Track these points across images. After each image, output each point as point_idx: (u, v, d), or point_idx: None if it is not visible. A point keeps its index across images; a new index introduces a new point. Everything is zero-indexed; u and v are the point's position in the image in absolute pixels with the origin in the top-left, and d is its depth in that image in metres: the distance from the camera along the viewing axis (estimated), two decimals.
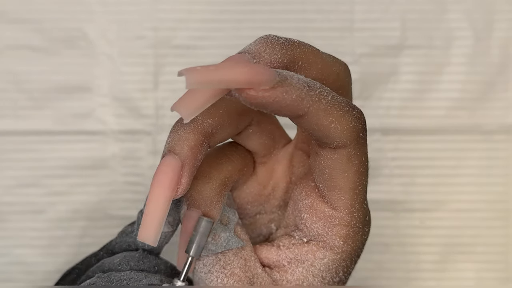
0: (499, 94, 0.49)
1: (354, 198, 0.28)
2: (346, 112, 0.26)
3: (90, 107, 0.48)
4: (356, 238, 0.29)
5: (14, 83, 0.48)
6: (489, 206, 0.49)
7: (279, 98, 0.24)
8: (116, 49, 0.49)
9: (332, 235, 0.29)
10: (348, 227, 0.28)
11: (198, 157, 0.27)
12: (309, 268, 0.29)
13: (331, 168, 0.27)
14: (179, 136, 0.27)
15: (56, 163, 0.48)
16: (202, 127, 0.27)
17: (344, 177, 0.27)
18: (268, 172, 0.32)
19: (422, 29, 0.49)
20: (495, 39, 0.49)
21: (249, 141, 0.31)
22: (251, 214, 0.33)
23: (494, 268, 0.50)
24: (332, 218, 0.28)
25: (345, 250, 0.29)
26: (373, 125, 0.49)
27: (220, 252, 0.29)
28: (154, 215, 0.26)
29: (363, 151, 0.27)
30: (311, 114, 0.25)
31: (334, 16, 0.49)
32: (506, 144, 0.49)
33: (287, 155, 0.32)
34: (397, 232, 0.50)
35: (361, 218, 0.29)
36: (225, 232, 0.29)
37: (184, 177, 0.26)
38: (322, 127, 0.26)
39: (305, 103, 0.25)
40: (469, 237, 0.50)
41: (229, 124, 0.28)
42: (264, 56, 0.26)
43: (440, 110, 0.49)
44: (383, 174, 0.49)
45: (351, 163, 0.27)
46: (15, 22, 0.48)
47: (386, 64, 0.49)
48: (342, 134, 0.26)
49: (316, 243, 0.29)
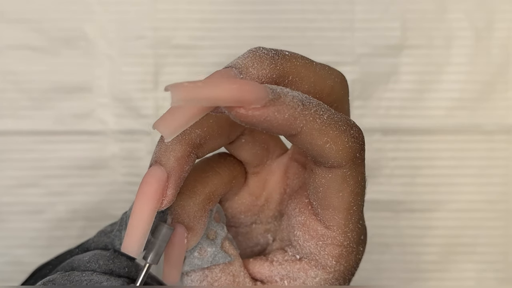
0: (500, 94, 0.49)
1: (348, 218, 0.27)
2: (343, 132, 0.25)
3: (90, 107, 0.48)
4: (349, 258, 0.28)
5: (14, 83, 0.48)
6: (490, 206, 0.49)
7: (271, 117, 0.23)
8: (116, 49, 0.48)
9: (324, 255, 0.28)
10: (341, 247, 0.28)
11: (184, 169, 0.26)
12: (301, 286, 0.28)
13: (325, 187, 0.26)
14: (166, 147, 0.26)
15: (56, 163, 0.48)
16: (189, 138, 0.27)
17: (338, 197, 0.27)
18: (261, 183, 0.31)
19: (422, 29, 0.49)
20: (496, 39, 0.49)
21: (241, 151, 0.30)
22: (247, 224, 0.32)
23: (494, 268, 0.50)
24: (324, 237, 0.28)
25: (337, 269, 0.28)
26: (373, 125, 0.49)
27: (207, 268, 0.29)
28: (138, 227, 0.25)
29: (359, 171, 0.27)
30: (305, 134, 0.25)
31: (334, 16, 0.49)
32: (506, 144, 0.49)
33: (281, 166, 0.31)
34: (398, 232, 0.50)
35: (355, 238, 0.28)
36: (211, 247, 0.29)
37: (169, 189, 0.26)
38: (316, 147, 0.25)
39: (298, 123, 0.24)
40: (469, 237, 0.50)
41: (219, 134, 0.28)
42: (252, 71, 0.25)
43: (440, 110, 0.49)
44: (383, 174, 0.49)
45: (346, 184, 0.26)
46: (15, 22, 0.48)
47: (386, 64, 0.49)
48: (337, 155, 0.25)
49: (308, 261, 0.28)
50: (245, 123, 0.24)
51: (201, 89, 0.23)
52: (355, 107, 0.49)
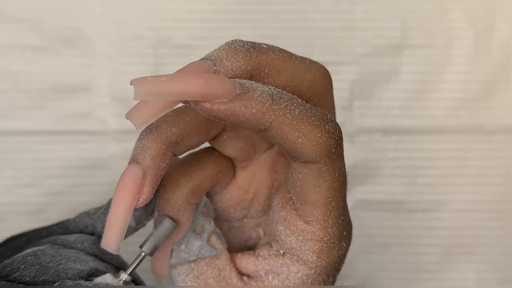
0: (500, 94, 0.49)
1: (327, 214, 0.27)
2: (316, 127, 0.25)
3: (89, 107, 0.48)
4: (331, 254, 0.28)
5: (14, 83, 0.48)
6: (490, 207, 0.49)
7: (237, 112, 0.23)
8: (116, 48, 0.48)
9: (305, 250, 0.28)
10: (321, 242, 0.27)
11: (160, 167, 0.27)
12: (284, 281, 0.28)
13: (302, 182, 0.26)
14: (142, 145, 0.27)
15: (55, 163, 0.48)
16: (165, 136, 0.27)
17: (315, 192, 0.26)
18: (249, 177, 0.31)
19: (422, 28, 0.49)
20: (496, 39, 0.49)
21: (225, 147, 0.30)
22: (238, 217, 0.32)
23: (495, 269, 0.50)
24: (304, 233, 0.27)
25: (319, 265, 0.28)
26: (374, 125, 0.49)
27: (193, 261, 0.29)
28: (116, 224, 0.26)
29: (336, 166, 0.26)
30: (275, 129, 0.24)
31: (335, 16, 0.49)
32: (506, 144, 0.49)
33: (269, 160, 0.31)
34: (398, 232, 0.50)
35: (336, 234, 0.28)
36: (197, 241, 0.29)
37: (145, 186, 0.26)
38: (288, 142, 0.25)
39: (267, 118, 0.24)
40: (469, 238, 0.50)
41: (197, 132, 0.28)
42: (226, 63, 0.25)
43: (440, 110, 0.49)
44: (383, 174, 0.49)
45: (323, 179, 0.26)
46: (14, 21, 0.48)
47: (387, 64, 0.49)
48: (310, 150, 0.25)
49: (291, 257, 0.28)
50: (212, 117, 0.24)
51: (164, 83, 0.23)
52: (355, 107, 0.49)
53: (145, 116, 0.24)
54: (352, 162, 0.49)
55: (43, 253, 0.27)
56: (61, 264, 0.27)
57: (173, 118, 0.27)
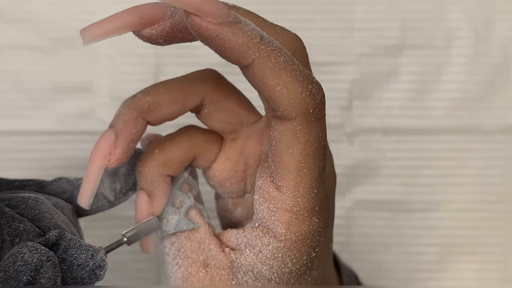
0: (499, 94, 0.49)
1: (298, 181, 0.27)
2: (298, 82, 0.25)
3: (90, 107, 0.48)
4: (301, 228, 0.28)
5: (14, 83, 0.48)
6: (489, 207, 0.50)
7: (223, 37, 0.24)
8: (116, 49, 0.49)
9: (274, 220, 0.28)
10: (290, 212, 0.27)
11: (132, 131, 0.29)
12: (258, 254, 0.28)
13: (277, 141, 0.26)
14: (117, 113, 0.29)
15: (56, 163, 0.48)
16: (137, 103, 0.29)
17: (288, 154, 0.26)
18: (238, 148, 0.32)
19: (422, 29, 0.49)
20: (495, 39, 0.49)
21: (209, 121, 0.31)
22: (239, 193, 0.33)
23: (494, 268, 0.50)
24: (275, 200, 0.28)
25: (288, 238, 0.28)
26: (373, 125, 0.49)
27: (174, 235, 0.30)
28: (88, 181, 0.29)
29: (313, 130, 0.26)
30: (257, 68, 0.25)
31: (334, 16, 0.49)
32: (506, 144, 0.49)
33: (256, 132, 0.31)
34: (397, 232, 0.50)
35: (307, 206, 0.27)
36: (175, 215, 0.30)
37: (117, 148, 0.28)
38: (267, 87, 0.25)
39: (251, 53, 0.24)
40: (468, 237, 0.50)
41: (170, 102, 0.29)
42: None
43: (440, 110, 0.49)
44: (383, 174, 0.50)
45: (296, 140, 0.26)
46: (14, 22, 0.48)
47: (386, 64, 0.49)
48: (287, 103, 0.25)
49: (262, 229, 0.28)
50: (199, 36, 0.24)
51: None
52: (355, 107, 0.49)
53: (96, 32, 0.27)
54: (352, 162, 0.49)
55: (42, 201, 0.28)
56: (53, 219, 0.28)
57: (148, 88, 0.29)
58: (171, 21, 0.26)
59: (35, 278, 0.24)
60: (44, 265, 0.25)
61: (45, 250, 0.25)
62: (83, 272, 0.26)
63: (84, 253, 0.26)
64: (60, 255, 0.26)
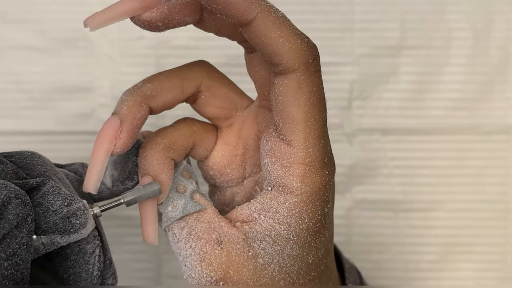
0: (498, 95, 0.49)
1: (307, 131, 0.28)
2: (296, 35, 0.27)
3: (90, 107, 0.49)
4: (314, 179, 0.29)
5: (15, 84, 0.48)
6: (488, 206, 0.50)
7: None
8: (117, 49, 0.49)
9: (289, 175, 0.29)
10: (303, 164, 0.29)
11: (136, 116, 0.30)
12: (275, 216, 0.29)
13: (284, 96, 0.28)
14: (121, 100, 0.30)
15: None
16: (140, 90, 0.30)
17: (295, 105, 0.28)
18: (235, 133, 0.33)
19: (421, 29, 0.49)
20: (494, 40, 0.49)
21: (206, 107, 0.33)
22: (238, 180, 0.34)
23: (493, 268, 0.50)
24: (288, 155, 0.29)
25: (304, 191, 0.29)
26: (373, 125, 0.49)
27: (183, 220, 0.30)
28: (94, 166, 0.29)
29: (313, 81, 0.28)
30: (260, 22, 0.27)
31: (334, 17, 0.49)
32: (505, 144, 0.50)
33: (251, 114, 0.33)
34: (397, 232, 0.50)
35: (318, 157, 0.29)
36: (181, 199, 0.31)
37: (122, 133, 0.29)
38: (270, 40, 0.27)
39: (254, 8, 0.26)
40: (468, 237, 0.50)
41: (170, 88, 0.31)
42: None
43: (439, 111, 0.49)
44: (382, 174, 0.50)
45: (301, 91, 0.28)
46: (16, 22, 0.48)
47: (386, 65, 0.49)
48: (290, 53, 0.27)
49: (277, 188, 0.29)
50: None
51: None
52: (354, 107, 0.49)
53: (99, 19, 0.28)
54: (351, 162, 0.50)
55: (39, 156, 0.29)
56: (47, 172, 0.28)
57: (149, 77, 0.31)
58: (168, 4, 0.28)
59: (2, 214, 0.25)
60: (12, 202, 0.25)
61: (14, 188, 0.25)
62: (56, 218, 0.26)
63: (60, 200, 0.27)
64: (37, 199, 0.26)
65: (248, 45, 0.31)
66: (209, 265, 0.29)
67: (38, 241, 0.26)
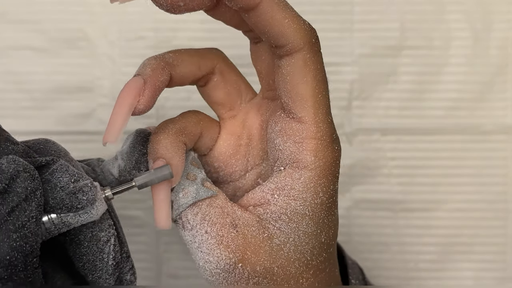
0: (498, 95, 0.50)
1: (317, 107, 0.30)
2: (298, 16, 0.29)
3: (91, 107, 0.49)
4: (326, 153, 0.30)
5: (15, 84, 0.49)
6: (488, 206, 0.50)
7: None
8: (117, 49, 0.49)
9: (302, 150, 0.30)
10: (315, 139, 0.30)
11: (159, 78, 0.30)
12: (290, 192, 0.30)
13: (291, 75, 0.30)
14: (144, 64, 0.31)
15: None
16: (163, 56, 0.31)
17: (304, 82, 0.29)
18: (239, 123, 0.34)
19: (421, 29, 0.49)
20: (494, 40, 0.49)
21: (215, 91, 0.34)
22: (242, 172, 0.34)
23: (493, 268, 0.50)
24: (299, 131, 0.30)
25: (317, 165, 0.30)
26: (372, 125, 0.50)
27: (195, 205, 0.30)
28: (117, 119, 0.29)
29: (317, 59, 0.30)
30: (267, 4, 0.28)
31: (334, 17, 0.49)
32: (504, 144, 0.50)
33: (254, 105, 0.34)
34: (396, 231, 0.50)
35: (327, 132, 0.30)
36: (192, 186, 0.31)
37: (145, 91, 0.30)
38: (276, 22, 0.28)
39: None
40: (467, 237, 0.50)
41: (190, 62, 0.32)
42: None
43: (439, 110, 0.50)
44: (382, 174, 0.50)
45: (308, 68, 0.29)
46: (16, 22, 0.48)
47: (386, 65, 0.49)
48: (296, 33, 0.29)
49: (291, 165, 0.30)
50: None
51: None
52: (354, 107, 0.50)
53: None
54: (351, 162, 0.50)
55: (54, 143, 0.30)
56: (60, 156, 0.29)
57: (169, 50, 0.32)
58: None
59: (11, 187, 0.25)
60: (20, 175, 0.25)
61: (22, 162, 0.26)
62: (63, 193, 0.27)
63: (68, 176, 0.27)
64: (46, 176, 0.27)
65: (254, 35, 0.32)
66: (227, 247, 0.30)
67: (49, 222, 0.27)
